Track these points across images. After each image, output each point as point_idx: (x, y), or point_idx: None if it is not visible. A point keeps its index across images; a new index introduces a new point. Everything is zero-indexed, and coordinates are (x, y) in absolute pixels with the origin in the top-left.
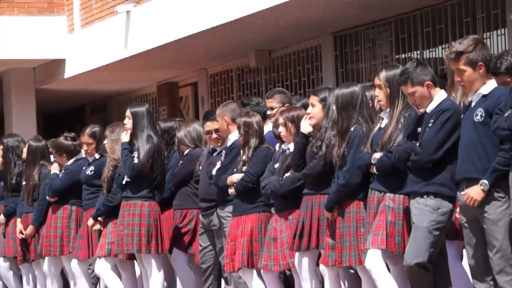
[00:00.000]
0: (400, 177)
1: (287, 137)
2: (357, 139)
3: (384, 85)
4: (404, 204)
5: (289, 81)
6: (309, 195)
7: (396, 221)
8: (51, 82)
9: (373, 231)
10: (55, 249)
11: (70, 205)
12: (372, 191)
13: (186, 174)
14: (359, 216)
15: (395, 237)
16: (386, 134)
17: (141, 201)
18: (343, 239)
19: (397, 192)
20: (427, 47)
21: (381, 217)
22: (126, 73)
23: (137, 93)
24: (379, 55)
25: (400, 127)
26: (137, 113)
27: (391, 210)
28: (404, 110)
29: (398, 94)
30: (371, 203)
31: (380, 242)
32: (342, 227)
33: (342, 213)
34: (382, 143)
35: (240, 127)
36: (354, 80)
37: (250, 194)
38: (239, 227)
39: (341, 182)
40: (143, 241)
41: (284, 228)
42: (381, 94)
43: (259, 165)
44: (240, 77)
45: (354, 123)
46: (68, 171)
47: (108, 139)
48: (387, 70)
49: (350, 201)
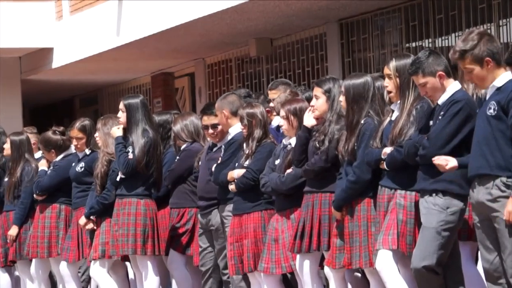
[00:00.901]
0: (412, 173)
1: (289, 131)
2: (368, 132)
3: (394, 75)
4: (416, 202)
5: (292, 71)
6: (310, 194)
7: (408, 219)
8: (38, 73)
9: (384, 231)
10: (43, 251)
11: (59, 203)
12: (382, 188)
13: (183, 170)
14: (370, 215)
15: (407, 237)
16: (397, 128)
17: (136, 199)
18: (352, 239)
19: (408, 188)
20: (439, 35)
21: (392, 215)
22: (118, 63)
23: (130, 84)
24: (388, 44)
25: (412, 119)
26: (131, 106)
27: (402, 208)
28: (416, 102)
29: (408, 85)
30: (381, 200)
31: (391, 242)
32: (351, 226)
33: (351, 212)
34: (393, 137)
35: (243, 118)
36: (362, 70)
37: (252, 192)
38: (242, 227)
39: (351, 179)
40: (139, 242)
41: (286, 228)
42: (391, 84)
43: (262, 162)
44: (239, 67)
45: (365, 116)
46: (57, 167)
47: (101, 132)
48: (397, 60)
49: (360, 199)
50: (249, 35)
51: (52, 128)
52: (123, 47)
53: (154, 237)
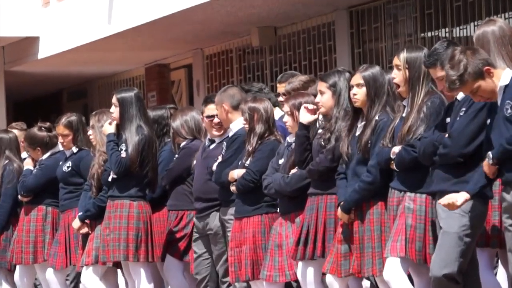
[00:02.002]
0: (421, 174)
1: (294, 127)
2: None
3: (404, 67)
4: (427, 205)
5: (298, 63)
6: (314, 196)
7: (417, 224)
8: (23, 64)
9: (392, 237)
10: (28, 256)
11: (45, 205)
12: (392, 190)
13: (182, 170)
14: (384, 219)
15: (416, 243)
16: (406, 125)
17: (129, 201)
18: (363, 245)
19: (418, 191)
20: (457, 24)
21: (401, 220)
22: (110, 53)
23: (122, 76)
24: (402, 34)
25: (422, 116)
26: (124, 100)
27: (411, 212)
28: (426, 97)
29: (419, 79)
30: (391, 204)
31: (399, 249)
32: (362, 231)
33: (361, 215)
34: (401, 135)
35: (245, 112)
36: (373, 62)
37: (253, 194)
38: (242, 231)
39: (367, 179)
40: (131, 248)
41: (290, 233)
42: (399, 76)
43: (262, 161)
44: (241, 58)
45: (380, 111)
46: (43, 166)
47: (95, 130)
48: (409, 51)
49: (373, 202)
50: (252, 23)
51: (37, 124)
52: (114, 37)
53: (147, 242)
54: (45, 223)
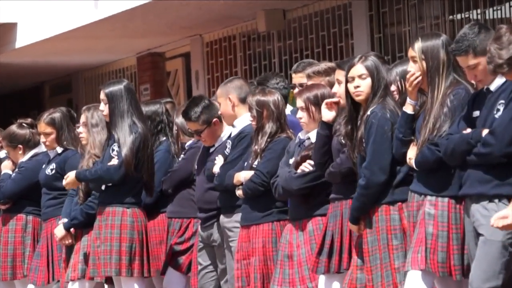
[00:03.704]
0: (444, 175)
1: (309, 124)
2: (376, 124)
3: (420, 58)
4: (450, 210)
5: (310, 50)
6: (337, 201)
7: (439, 232)
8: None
9: (413, 247)
10: (6, 272)
11: (26, 214)
12: (411, 194)
13: (188, 172)
14: (389, 225)
15: (438, 254)
16: (429, 122)
17: (122, 208)
18: (372, 257)
19: (440, 194)
20: (490, 4)
21: (421, 228)
22: (97, 41)
23: (111, 67)
24: (428, 16)
25: (446, 111)
26: (113, 95)
27: (432, 218)
28: (449, 89)
29: (438, 70)
30: (411, 209)
31: (420, 261)
32: (371, 241)
33: (370, 223)
34: (425, 133)
35: (252, 108)
36: (395, 48)
37: (262, 198)
38: (250, 241)
39: (361, 183)
40: (124, 261)
41: (302, 242)
42: (416, 69)
43: (273, 162)
44: (245, 45)
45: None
46: (23, 169)
47: (87, 127)
48: (424, 40)
49: (377, 206)
50: (257, 6)
51: (17, 121)
52: (102, 22)
53: (143, 255)
54: (25, 234)
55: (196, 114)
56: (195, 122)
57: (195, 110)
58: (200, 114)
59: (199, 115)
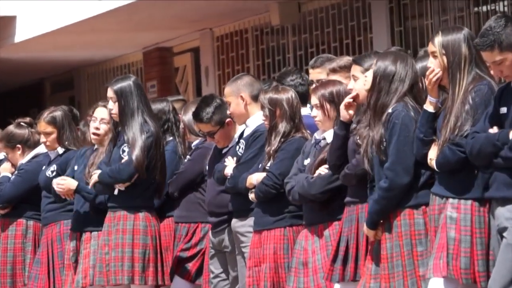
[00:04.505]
0: (467, 176)
1: (324, 123)
2: (399, 122)
3: (440, 53)
4: (473, 213)
5: (326, 44)
6: (352, 205)
7: (462, 237)
8: None
9: (434, 253)
10: (5, 280)
11: (26, 219)
12: (433, 197)
13: (196, 174)
14: (414, 230)
15: (461, 260)
16: (450, 121)
17: (134, 213)
18: (392, 263)
19: (463, 196)
20: None
21: (443, 232)
22: (101, 35)
23: (115, 63)
24: (451, 8)
25: (467, 108)
26: (123, 91)
27: (455, 222)
28: (471, 85)
29: (459, 65)
30: (432, 212)
31: (442, 267)
32: (390, 247)
33: (389, 228)
34: (446, 132)
35: (265, 107)
36: (417, 42)
37: (275, 202)
38: (261, 247)
39: (383, 185)
40: (137, 268)
41: (318, 248)
42: (436, 65)
43: (287, 163)
44: (258, 39)
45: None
46: (23, 172)
47: (108, 125)
48: (444, 34)
49: (399, 210)
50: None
51: (16, 120)
52: (106, 15)
53: (156, 261)
54: (26, 240)
55: (208, 115)
56: (207, 124)
57: (207, 111)
58: (212, 114)
59: (212, 116)
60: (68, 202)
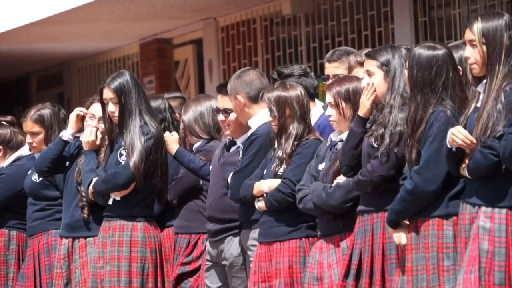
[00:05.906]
0: (502, 182)
1: (340, 123)
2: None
3: (480, 41)
4: (508, 223)
5: (343, 36)
6: (366, 214)
7: (496, 249)
8: None
9: (465, 267)
10: None
11: (8, 229)
12: (463, 205)
13: (195, 180)
14: (442, 243)
15: (495, 275)
16: (482, 119)
17: (132, 222)
18: (417, 277)
19: (497, 204)
20: None
21: (474, 244)
22: (92, 25)
23: (109, 56)
24: None
25: (499, 107)
26: (123, 90)
27: (488, 233)
28: (506, 81)
29: (500, 57)
30: (463, 222)
31: (473, 282)
32: (416, 259)
33: (416, 237)
34: (477, 133)
35: (271, 106)
36: (444, 34)
37: (289, 211)
38: (271, 260)
39: (407, 187)
40: (135, 284)
41: (335, 262)
42: (475, 55)
43: (303, 168)
44: (267, 30)
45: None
46: (4, 176)
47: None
48: (484, 20)
49: (427, 219)
50: None
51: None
52: (100, 3)
53: (156, 276)
54: (8, 252)
55: None
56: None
57: None
58: None
59: None
60: (57, 210)
